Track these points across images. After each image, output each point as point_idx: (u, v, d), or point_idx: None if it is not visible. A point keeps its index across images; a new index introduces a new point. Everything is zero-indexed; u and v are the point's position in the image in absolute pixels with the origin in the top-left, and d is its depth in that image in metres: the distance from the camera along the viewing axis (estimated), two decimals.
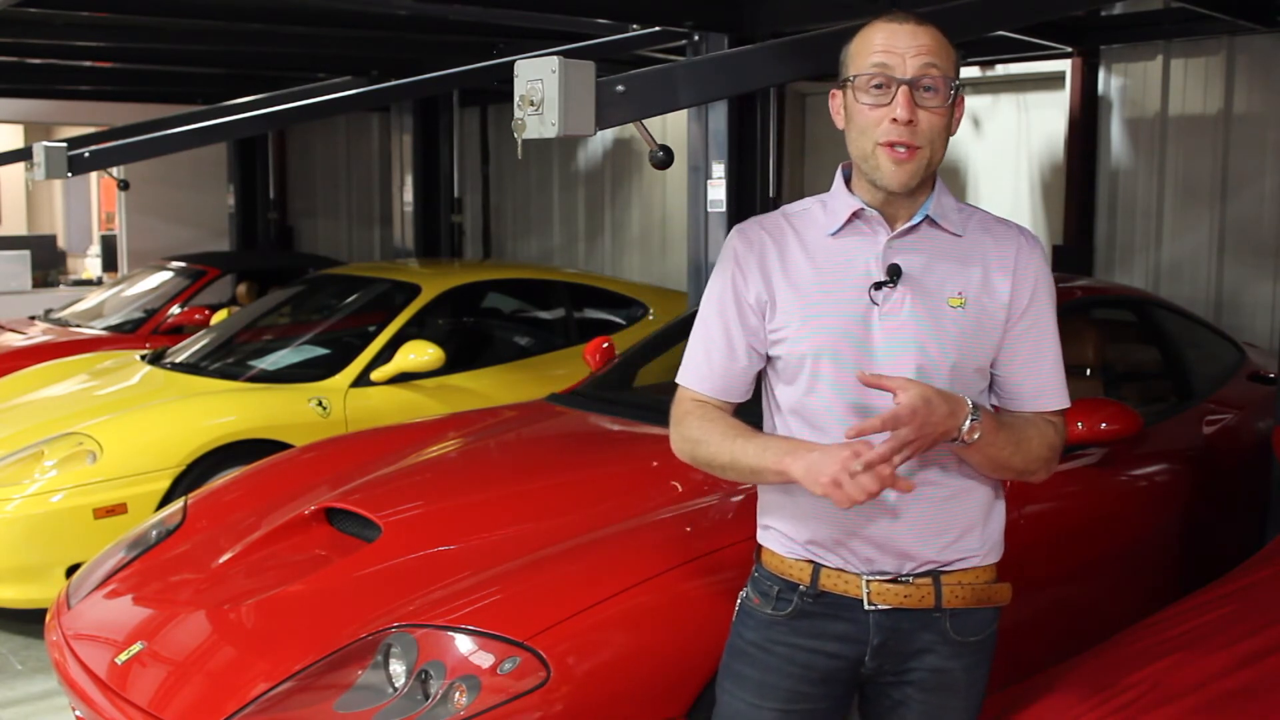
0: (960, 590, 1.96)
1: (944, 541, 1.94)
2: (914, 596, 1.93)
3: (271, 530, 3.25)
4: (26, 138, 12.86)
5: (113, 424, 4.71)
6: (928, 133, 1.86)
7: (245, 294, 8.24)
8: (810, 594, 1.96)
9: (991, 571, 2.01)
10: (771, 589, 2.00)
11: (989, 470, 1.93)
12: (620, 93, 3.24)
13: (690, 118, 5.44)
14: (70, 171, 5.64)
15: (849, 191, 1.95)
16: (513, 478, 3.47)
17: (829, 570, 1.95)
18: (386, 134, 10.39)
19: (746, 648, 2.02)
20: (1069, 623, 3.35)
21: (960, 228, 1.94)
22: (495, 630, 2.49)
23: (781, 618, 1.98)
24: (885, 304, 1.89)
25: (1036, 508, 3.23)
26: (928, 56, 1.85)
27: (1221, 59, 6.39)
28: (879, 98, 1.85)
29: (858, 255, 1.92)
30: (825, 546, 1.95)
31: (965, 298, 1.90)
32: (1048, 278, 1.99)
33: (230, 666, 2.71)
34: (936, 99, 1.86)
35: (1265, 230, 6.29)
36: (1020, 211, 7.51)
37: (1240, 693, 2.20)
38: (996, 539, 2.02)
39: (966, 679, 1.99)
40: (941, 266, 1.91)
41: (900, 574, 1.93)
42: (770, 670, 1.98)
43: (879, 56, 1.86)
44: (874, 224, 1.92)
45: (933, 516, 1.92)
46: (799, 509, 1.96)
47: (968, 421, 1.81)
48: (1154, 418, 3.81)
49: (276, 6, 6.25)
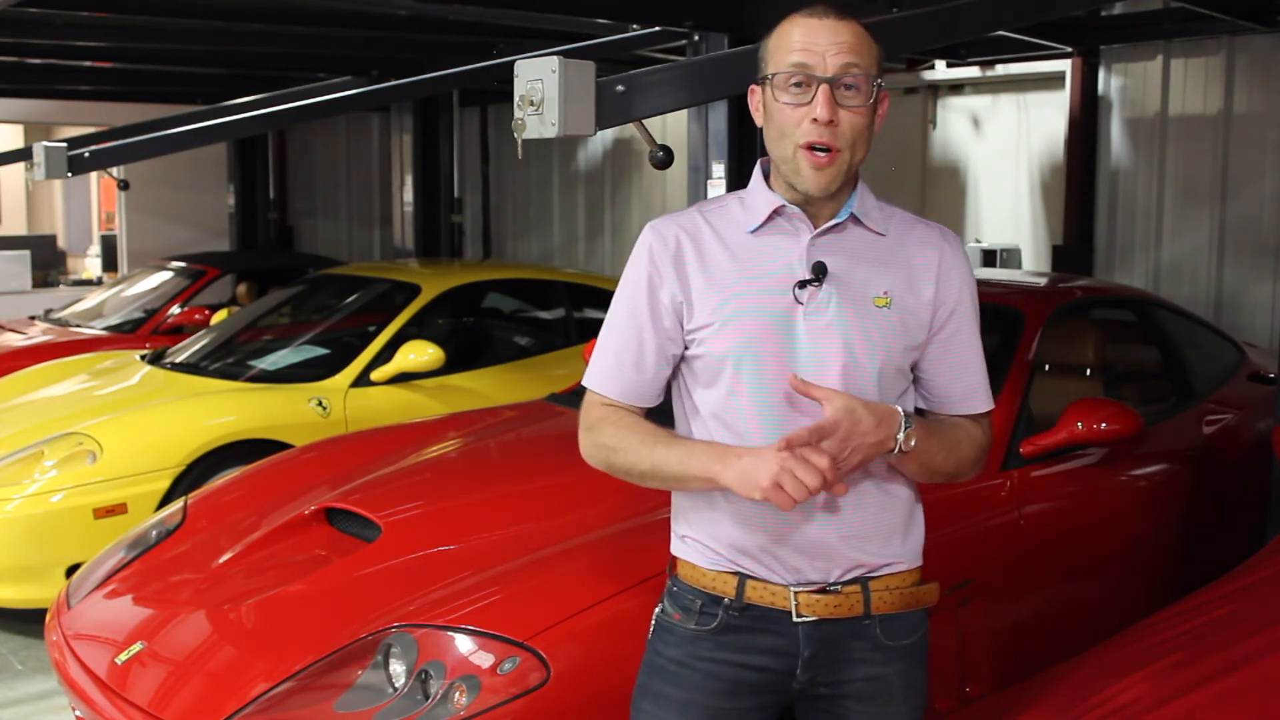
0: (889, 595, 1.91)
1: (872, 545, 1.89)
2: (843, 605, 1.88)
3: (271, 530, 3.25)
4: (26, 138, 12.87)
5: (113, 424, 4.72)
6: (849, 134, 1.80)
7: (245, 294, 8.24)
8: (736, 607, 1.88)
9: (917, 574, 1.97)
10: (693, 603, 1.92)
11: (920, 476, 1.92)
12: (620, 93, 3.24)
13: (690, 118, 5.44)
14: (70, 171, 5.65)
15: (769, 188, 1.90)
16: (513, 478, 3.47)
17: (755, 582, 1.88)
18: (386, 134, 10.39)
19: (668, 665, 1.93)
20: (1069, 623, 3.35)
21: (883, 226, 1.90)
22: (495, 630, 2.49)
23: (705, 632, 1.90)
24: (810, 303, 1.83)
25: (1036, 508, 3.24)
26: (849, 55, 1.78)
27: (1221, 59, 6.39)
28: (799, 97, 1.79)
29: (780, 253, 1.86)
30: (751, 556, 1.88)
31: (891, 297, 1.86)
32: (971, 280, 1.95)
33: (230, 666, 2.71)
34: (858, 98, 1.80)
35: (1265, 230, 6.29)
36: (1020, 211, 7.52)
37: (1240, 692, 2.20)
38: (920, 541, 1.99)
39: (903, 683, 1.94)
40: (866, 265, 1.87)
41: (828, 583, 1.88)
42: (694, 688, 1.90)
43: (798, 55, 1.79)
44: (796, 221, 1.87)
45: (860, 519, 1.88)
46: (722, 516, 1.89)
47: (902, 432, 1.79)
48: (1154, 418, 3.81)
49: (276, 6, 6.25)
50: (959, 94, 7.80)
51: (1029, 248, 7.41)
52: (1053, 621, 3.30)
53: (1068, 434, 3.30)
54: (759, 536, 1.87)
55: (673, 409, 2.02)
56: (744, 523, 1.88)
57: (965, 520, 3.09)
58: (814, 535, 1.86)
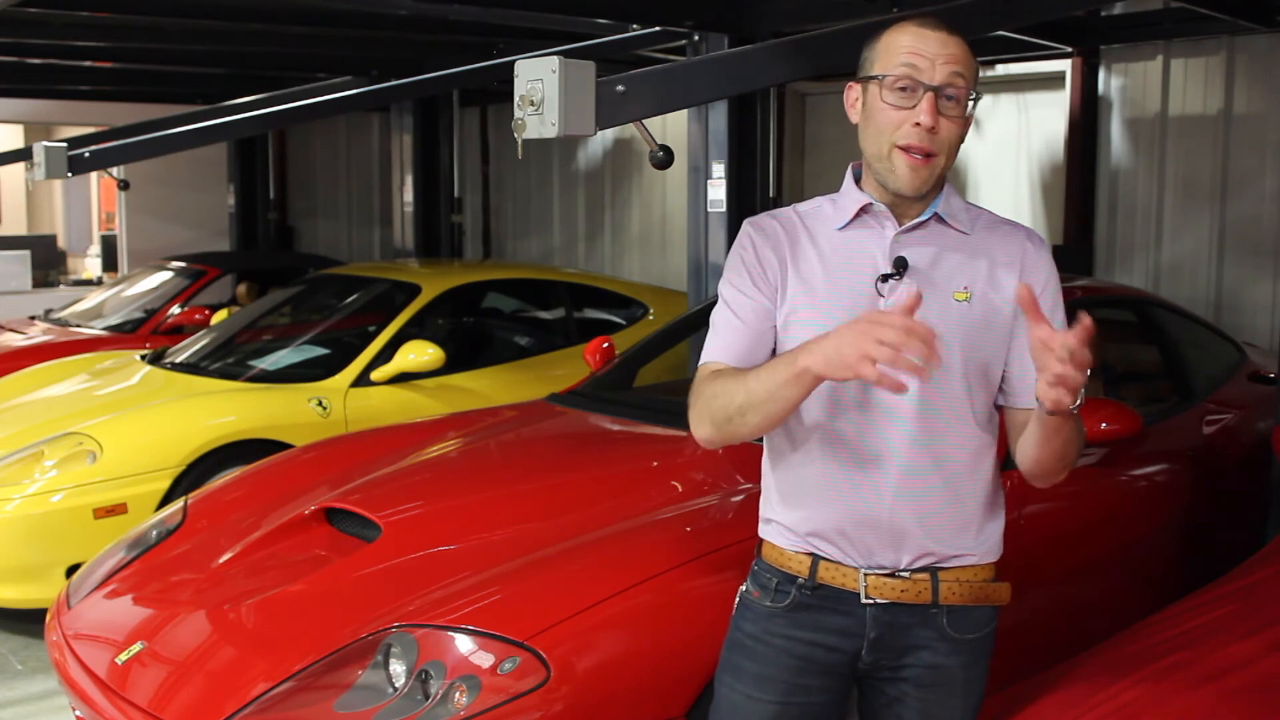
0: (958, 587, 1.97)
1: (944, 534, 1.95)
2: (911, 591, 1.94)
3: (271, 530, 3.25)
4: (26, 138, 12.86)
5: (113, 424, 4.71)
6: (946, 140, 1.88)
7: (245, 294, 8.24)
8: (808, 586, 1.97)
9: (990, 570, 2.02)
10: (770, 581, 2.02)
11: (1053, 459, 1.91)
12: (620, 93, 3.24)
13: (690, 118, 5.44)
14: (70, 171, 5.65)
15: (858, 189, 1.97)
16: (513, 478, 3.47)
17: (827, 563, 1.96)
18: (386, 134, 10.39)
19: (745, 640, 2.03)
20: (1069, 623, 3.35)
21: (968, 226, 1.96)
22: (495, 630, 2.49)
23: (780, 610, 1.99)
24: (891, 296, 1.90)
25: (1036, 508, 3.23)
26: (956, 65, 1.87)
27: (1221, 59, 6.39)
28: (903, 100, 1.87)
29: (865, 249, 1.93)
30: (826, 538, 1.96)
31: (971, 292, 1.91)
32: (1056, 280, 2.00)
33: (230, 666, 2.71)
34: (957, 109, 1.88)
35: (1265, 230, 6.29)
36: (1020, 211, 7.51)
37: (1240, 692, 2.20)
38: (996, 538, 2.03)
39: (964, 676, 2.00)
40: (948, 261, 1.93)
41: (898, 568, 1.95)
42: (768, 663, 1.99)
43: (908, 58, 1.86)
44: (881, 218, 1.94)
45: (935, 505, 1.93)
46: (803, 497, 1.98)
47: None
48: (1154, 418, 3.81)
49: (276, 6, 6.25)
50: None
51: None
52: (1053, 621, 3.30)
53: None
54: (833, 514, 1.94)
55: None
56: (820, 501, 1.95)
57: None
58: (888, 517, 1.92)
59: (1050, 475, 1.96)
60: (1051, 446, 1.88)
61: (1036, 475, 1.99)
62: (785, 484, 2.02)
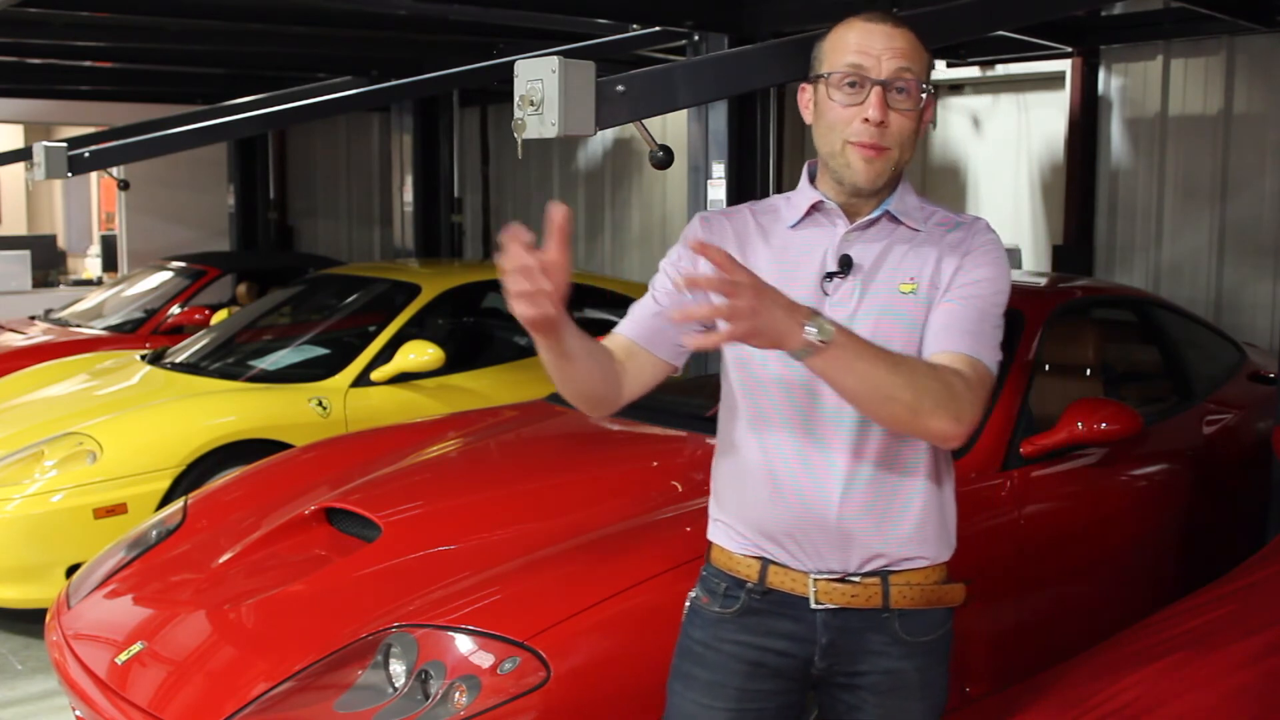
0: (909, 590, 1.93)
1: (892, 537, 1.90)
2: (861, 596, 1.91)
3: (271, 530, 3.25)
4: (26, 138, 12.86)
5: (113, 424, 4.71)
6: (897, 134, 1.85)
7: (245, 294, 8.24)
8: (758, 591, 1.94)
9: (941, 571, 1.97)
10: (719, 586, 1.99)
11: (874, 400, 1.71)
12: (620, 93, 3.24)
13: (690, 118, 5.44)
14: (70, 171, 5.65)
15: (812, 187, 1.95)
16: (513, 478, 3.47)
17: (777, 567, 1.93)
18: (386, 134, 10.39)
19: (694, 647, 2.00)
20: (1069, 623, 3.35)
21: (921, 224, 1.93)
22: (495, 630, 2.49)
23: (729, 615, 1.96)
24: (835, 295, 1.87)
25: (1036, 508, 3.24)
26: (902, 60, 1.84)
27: (1221, 59, 6.39)
28: (851, 97, 1.85)
29: (815, 246, 1.91)
30: (776, 541, 1.92)
31: (917, 284, 1.88)
32: (1001, 267, 1.91)
33: (230, 666, 2.72)
34: (908, 101, 1.85)
35: (1265, 230, 6.29)
36: (1020, 211, 7.52)
37: (1240, 692, 2.20)
38: (947, 538, 1.98)
39: (920, 679, 1.95)
40: (896, 256, 1.89)
41: (848, 572, 1.91)
42: (719, 669, 1.96)
43: (854, 56, 1.84)
44: (832, 216, 1.92)
45: (882, 502, 1.89)
46: (750, 498, 1.94)
47: (812, 321, 1.62)
48: (1154, 418, 3.81)
49: (276, 6, 6.25)
50: (959, 94, 7.81)
51: (1029, 248, 7.41)
52: (1053, 621, 3.30)
53: (1068, 434, 3.30)
54: (783, 517, 1.91)
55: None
56: (767, 503, 1.92)
57: (965, 520, 3.06)
58: (835, 519, 1.88)
59: (874, 416, 1.79)
60: (842, 389, 1.72)
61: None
62: (731, 482, 1.99)
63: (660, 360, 1.98)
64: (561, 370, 1.84)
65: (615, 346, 1.97)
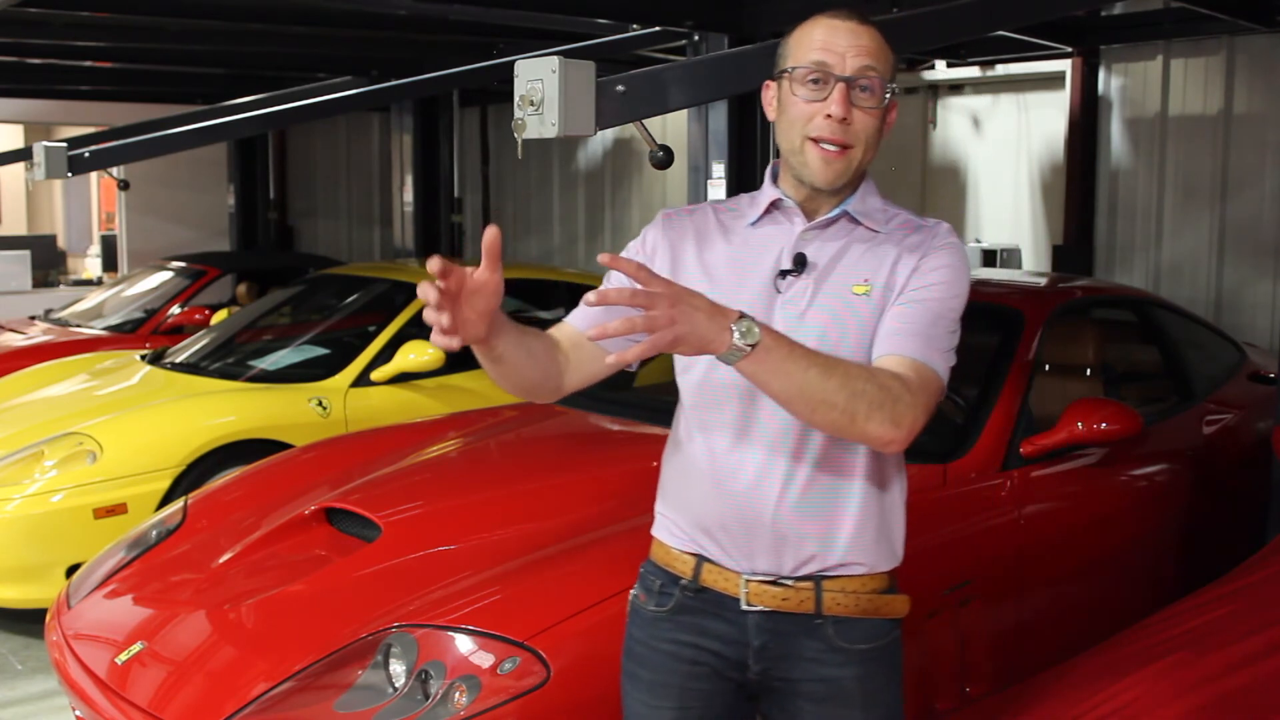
0: (842, 598, 1.88)
1: (826, 540, 1.86)
2: (792, 600, 1.87)
3: (271, 530, 3.25)
4: (26, 138, 12.86)
5: (113, 424, 4.71)
6: (860, 132, 1.84)
7: (245, 294, 8.24)
8: (691, 588, 1.93)
9: (881, 580, 1.92)
10: (655, 584, 1.98)
11: (806, 405, 1.68)
12: (620, 93, 3.24)
13: (690, 118, 5.44)
14: (70, 171, 5.65)
15: (773, 185, 1.94)
16: (513, 478, 3.47)
17: (711, 565, 1.91)
18: (386, 134, 10.40)
19: (635, 647, 2.00)
20: (1069, 623, 3.35)
21: (882, 225, 1.91)
22: (495, 630, 2.49)
23: (664, 614, 1.96)
24: (788, 293, 1.86)
25: (1036, 508, 3.24)
26: (867, 58, 1.83)
27: (1221, 59, 6.39)
28: (815, 93, 1.84)
29: (771, 245, 1.90)
30: (712, 537, 1.91)
31: (872, 286, 1.85)
32: (959, 271, 1.87)
33: (230, 666, 2.71)
34: (871, 100, 1.84)
35: (1265, 230, 6.30)
36: (1020, 211, 7.52)
37: (1240, 693, 2.20)
38: (891, 547, 1.93)
39: (862, 689, 1.89)
40: (852, 256, 1.87)
41: (780, 575, 1.88)
42: (660, 669, 1.95)
43: (818, 53, 1.83)
44: (791, 214, 1.91)
45: (814, 510, 1.85)
46: (692, 493, 1.93)
47: (739, 323, 1.60)
48: (1154, 418, 3.81)
49: (276, 6, 6.25)
50: (959, 94, 7.80)
51: (1029, 248, 7.41)
52: (1053, 621, 3.30)
53: (1068, 434, 3.30)
54: (721, 511, 1.89)
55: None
56: (705, 495, 1.91)
57: (965, 520, 3.09)
58: (770, 520, 1.85)
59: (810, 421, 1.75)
60: (773, 394, 1.70)
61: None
62: (675, 477, 1.99)
63: (607, 353, 1.89)
64: (493, 369, 1.84)
65: (563, 336, 1.95)
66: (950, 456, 3.21)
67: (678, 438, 1.99)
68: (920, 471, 3.14)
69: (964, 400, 3.48)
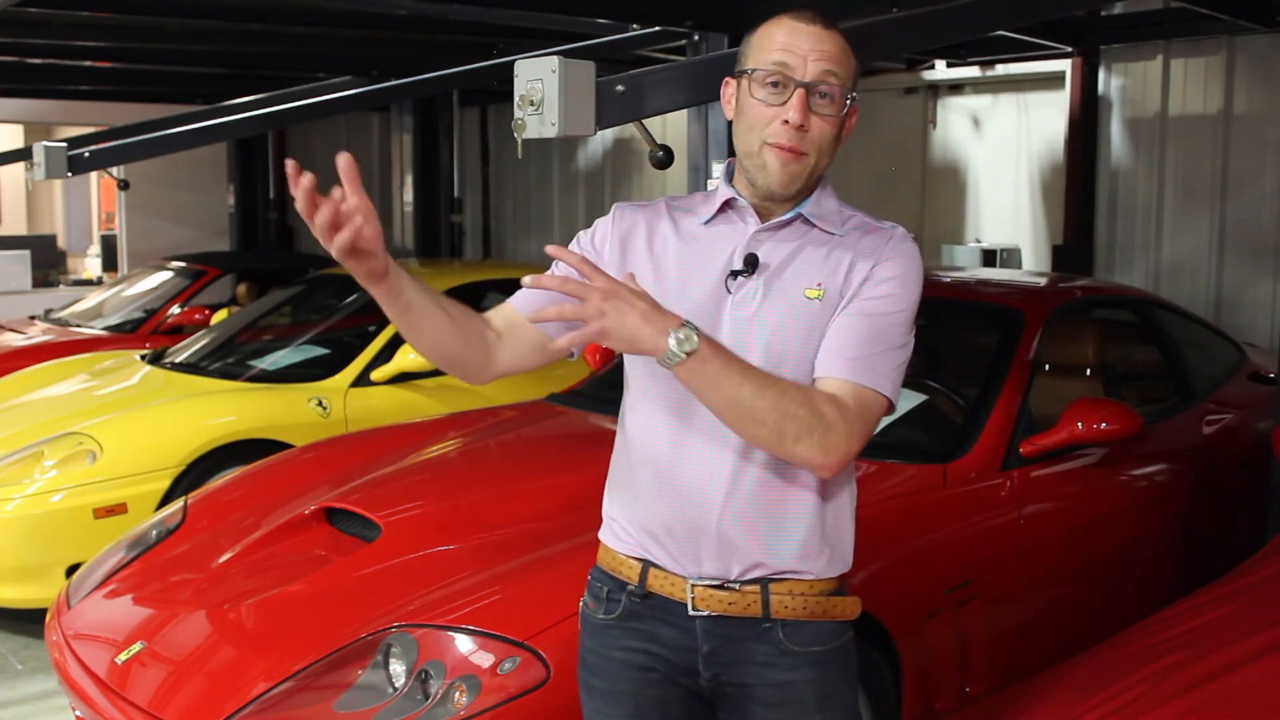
0: (790, 601, 1.85)
1: (773, 546, 1.84)
2: (739, 604, 1.85)
3: (271, 530, 3.25)
4: (26, 138, 12.86)
5: (113, 424, 4.72)
6: (817, 139, 1.80)
7: (245, 294, 8.24)
8: (638, 594, 1.91)
9: (830, 583, 1.89)
10: (602, 591, 1.96)
11: (737, 420, 1.70)
12: (620, 93, 3.24)
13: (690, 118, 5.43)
14: (70, 171, 5.65)
15: (728, 185, 1.91)
16: (513, 478, 3.47)
17: (657, 571, 1.89)
18: (386, 134, 10.39)
19: (588, 656, 1.98)
20: (1069, 623, 3.35)
21: (837, 228, 1.88)
22: (495, 630, 2.49)
23: (612, 621, 1.93)
24: (738, 294, 1.83)
25: (1036, 508, 3.24)
26: (828, 63, 1.79)
27: (1221, 59, 6.39)
28: (774, 96, 1.79)
29: (723, 244, 1.87)
30: (657, 541, 1.88)
31: (824, 289, 1.82)
32: (910, 278, 1.84)
33: (230, 666, 2.72)
34: (831, 107, 1.80)
35: (1265, 230, 6.29)
36: (1020, 211, 7.52)
37: (1240, 693, 2.20)
38: (840, 552, 1.90)
39: (815, 692, 1.87)
40: (805, 259, 1.85)
41: (727, 579, 1.85)
42: (613, 678, 1.93)
43: (779, 55, 1.79)
44: (744, 214, 1.87)
45: (760, 515, 1.83)
46: (637, 492, 1.91)
47: (679, 331, 1.62)
48: (1154, 418, 3.81)
49: (276, 6, 6.25)
50: (959, 94, 7.80)
51: (1029, 248, 7.41)
52: (1053, 621, 3.30)
53: (1068, 434, 3.30)
54: (665, 512, 1.86)
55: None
56: (650, 497, 1.88)
57: (965, 520, 3.09)
58: (715, 525, 1.83)
59: (740, 435, 1.76)
60: (707, 403, 1.72)
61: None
62: (621, 475, 1.96)
63: (546, 339, 1.88)
64: (408, 325, 1.81)
65: (499, 316, 1.93)
66: (950, 456, 3.21)
67: (624, 435, 1.96)
68: (920, 471, 3.15)
69: (964, 400, 3.49)
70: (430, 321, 1.81)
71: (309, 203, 1.65)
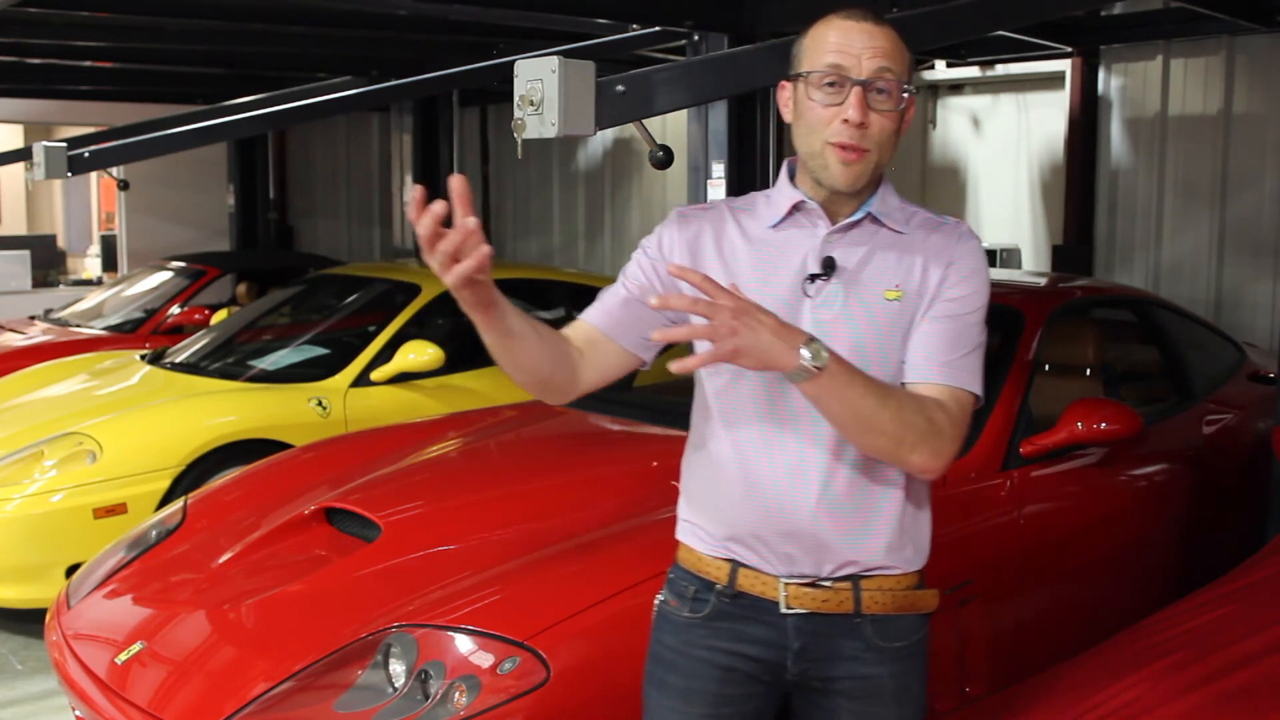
0: (880, 596, 1.90)
1: (869, 544, 1.88)
2: (832, 601, 1.88)
3: (271, 530, 3.25)
4: (26, 138, 12.86)
5: (113, 424, 4.72)
6: (877, 135, 1.82)
7: (245, 294, 8.25)
8: (727, 594, 1.92)
9: (914, 577, 1.95)
10: (688, 589, 1.96)
11: (859, 431, 1.75)
12: (620, 93, 3.24)
13: (690, 118, 5.44)
14: (70, 171, 5.65)
15: (792, 185, 1.92)
16: (513, 478, 3.47)
17: (747, 570, 1.90)
18: (386, 134, 10.39)
19: (666, 653, 1.98)
20: (1069, 623, 3.35)
21: (903, 225, 1.90)
22: (495, 630, 2.49)
23: (699, 620, 1.94)
24: (818, 297, 1.85)
25: (1036, 508, 3.24)
26: (883, 59, 1.80)
27: (1221, 59, 6.39)
28: (831, 97, 1.81)
29: (795, 247, 1.88)
30: (744, 543, 1.90)
31: (903, 291, 1.85)
32: (982, 275, 1.91)
33: (230, 666, 2.71)
34: (888, 102, 1.81)
35: (1265, 230, 6.30)
36: (1020, 211, 7.52)
37: (1240, 693, 2.20)
38: (922, 546, 1.96)
39: (895, 685, 1.92)
40: (880, 261, 1.87)
41: (819, 577, 1.89)
42: (693, 676, 1.94)
43: (834, 56, 1.81)
44: (814, 216, 1.89)
45: (858, 513, 1.87)
46: (721, 499, 1.92)
47: (807, 347, 1.65)
48: (1154, 418, 3.81)
49: (276, 6, 6.25)
50: (959, 94, 7.81)
51: (1029, 248, 7.42)
52: (1053, 621, 3.30)
53: (1068, 434, 3.30)
54: (751, 520, 1.88)
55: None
56: (738, 505, 1.90)
57: (965, 520, 3.09)
58: (810, 527, 1.86)
59: (856, 443, 1.81)
60: (830, 416, 1.75)
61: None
62: (702, 481, 1.96)
63: (626, 351, 1.95)
64: (508, 351, 1.82)
65: (577, 334, 1.95)
66: None
67: (702, 440, 1.97)
68: None
69: None
70: (528, 346, 1.83)
71: (434, 232, 1.62)
